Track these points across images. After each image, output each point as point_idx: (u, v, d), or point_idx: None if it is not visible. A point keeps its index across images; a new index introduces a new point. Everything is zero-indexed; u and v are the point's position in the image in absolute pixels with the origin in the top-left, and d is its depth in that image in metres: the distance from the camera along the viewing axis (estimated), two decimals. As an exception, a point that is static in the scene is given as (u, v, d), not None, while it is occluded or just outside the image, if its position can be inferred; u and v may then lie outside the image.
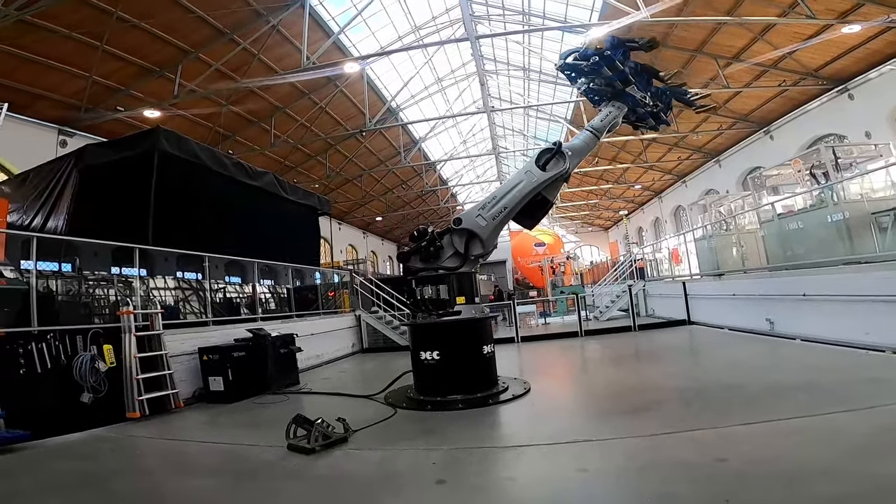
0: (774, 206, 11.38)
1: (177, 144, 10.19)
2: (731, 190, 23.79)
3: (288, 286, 13.98)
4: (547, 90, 26.18)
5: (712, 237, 15.06)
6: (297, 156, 24.43)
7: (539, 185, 6.66)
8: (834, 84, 16.25)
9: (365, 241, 40.37)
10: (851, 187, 9.40)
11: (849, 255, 8.64)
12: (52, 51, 12.48)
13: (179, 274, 10.74)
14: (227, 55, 15.25)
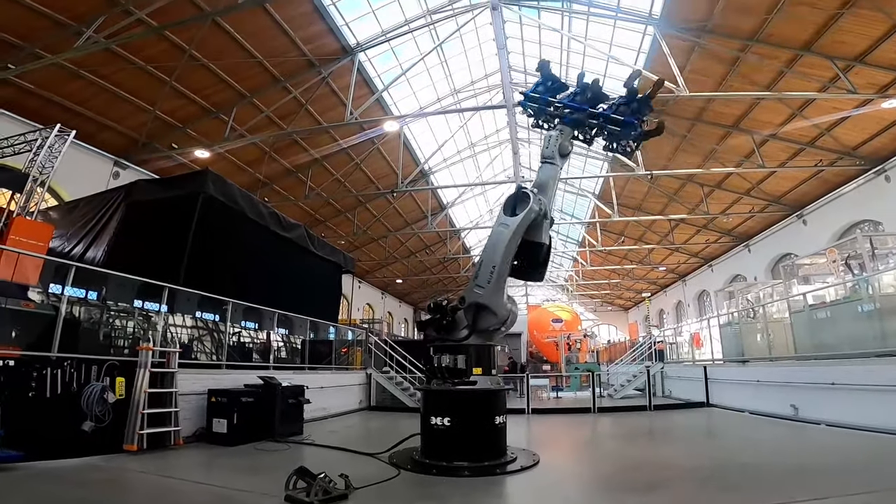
0: (806, 297, 11.15)
1: (221, 189, 10.46)
2: (760, 276, 23.21)
3: (303, 338, 13.98)
4: (577, 163, 26.24)
5: (738, 324, 14.68)
6: (327, 210, 24.84)
7: (518, 232, 6.30)
8: (871, 164, 15.79)
9: (383, 301, 40.09)
10: (885, 278, 9.19)
11: (881, 347, 8.38)
12: (126, 82, 13.24)
13: (199, 313, 10.75)
14: (277, 102, 15.94)
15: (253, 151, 18.23)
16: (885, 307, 8.61)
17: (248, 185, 18.60)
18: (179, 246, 9.65)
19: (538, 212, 6.35)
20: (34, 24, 10.70)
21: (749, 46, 12.77)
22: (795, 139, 16.10)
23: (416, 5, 15.18)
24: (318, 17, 13.81)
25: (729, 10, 11.79)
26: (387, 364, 15.71)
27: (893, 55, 11.52)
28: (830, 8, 10.89)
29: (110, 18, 10.67)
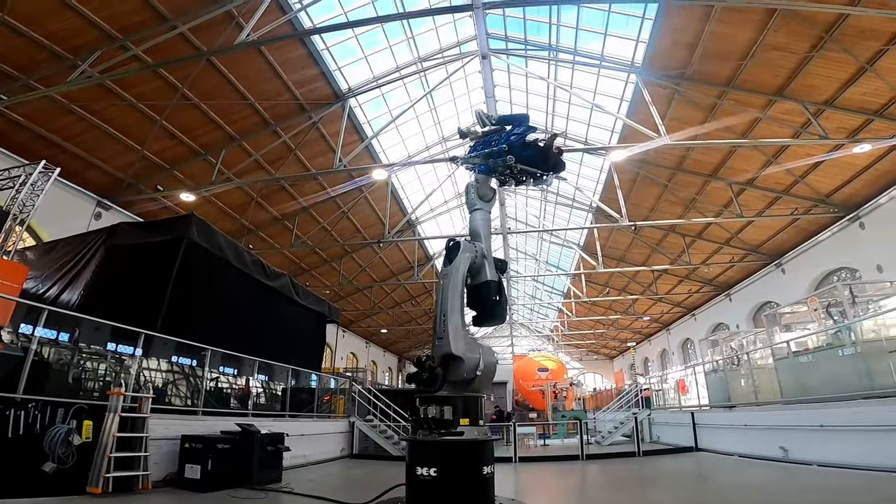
0: (790, 345, 11.46)
1: (205, 235, 10.28)
2: (742, 324, 23.42)
3: (284, 386, 13.60)
4: (562, 213, 26.61)
5: (723, 371, 14.97)
6: (313, 259, 24.43)
7: (457, 276, 6.19)
8: (845, 211, 16.11)
9: (367, 350, 39.48)
10: (866, 324, 9.56)
11: (867, 389, 8.65)
12: (116, 119, 12.98)
13: (176, 358, 10.33)
14: (267, 146, 15.82)
15: (239, 196, 17.96)
16: (867, 351, 8.92)
17: (234, 232, 18.33)
18: (159, 292, 9.36)
19: (473, 255, 6.30)
20: (34, 55, 10.56)
21: (726, 93, 13.14)
22: (771, 187, 16.48)
23: (408, 52, 15.51)
24: (311, 61, 13.94)
25: (706, 56, 12.19)
26: (370, 412, 15.45)
27: (861, 97, 11.87)
28: (801, 52, 11.28)
29: (106, 53, 10.62)
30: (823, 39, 10.64)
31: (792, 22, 10.58)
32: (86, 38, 10.54)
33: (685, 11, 11.45)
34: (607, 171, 19.03)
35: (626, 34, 13.27)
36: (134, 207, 15.94)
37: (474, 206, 6.77)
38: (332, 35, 13.49)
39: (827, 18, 10.24)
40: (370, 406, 15.66)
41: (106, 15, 10.27)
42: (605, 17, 13.07)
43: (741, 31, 11.20)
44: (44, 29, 10.14)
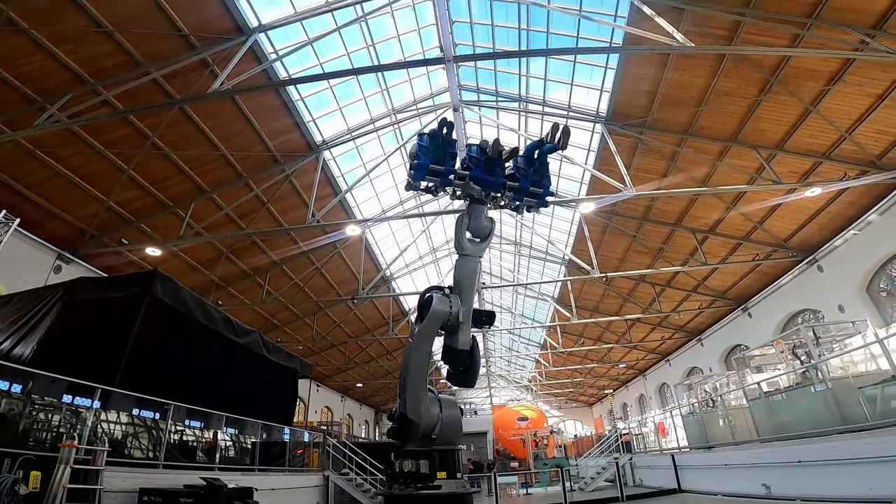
0: (761, 386, 11.83)
1: (170, 292, 9.92)
2: (714, 367, 23.74)
3: (254, 439, 12.85)
4: (536, 267, 26.81)
5: (699, 413, 15.31)
6: (285, 314, 23.62)
7: (421, 340, 5.71)
8: (803, 255, 16.52)
9: (342, 404, 38.25)
10: (833, 362, 9.97)
11: (840, 424, 8.87)
12: (82, 167, 12.35)
13: (137, 411, 9.64)
14: (238, 199, 15.36)
15: (208, 251, 17.32)
16: (836, 388, 9.21)
17: (202, 287, 17.60)
18: (119, 347, 8.92)
19: (445, 315, 5.66)
20: (4, 96, 10.11)
21: (685, 140, 13.68)
22: (732, 234, 16.94)
23: (382, 104, 15.77)
24: (286, 112, 13.87)
25: (665, 104, 12.73)
26: (346, 466, 15.17)
27: (808, 140, 12.40)
28: (750, 96, 11.78)
29: (76, 97, 10.30)
30: (770, 82, 11.21)
31: (741, 66, 11.15)
32: (57, 80, 10.22)
33: (644, 59, 11.98)
34: (578, 223, 19.46)
35: (591, 84, 13.88)
36: (96, 261, 15.06)
37: (462, 251, 6.12)
38: (308, 86, 13.59)
39: (772, 61, 10.83)
40: (345, 459, 15.44)
41: (79, 57, 10.05)
42: (571, 67, 13.71)
43: (695, 77, 11.76)
44: (16, 70, 9.81)
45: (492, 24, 13.73)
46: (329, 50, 13.33)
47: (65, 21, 9.36)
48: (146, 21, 9.97)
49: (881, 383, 8.55)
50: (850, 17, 9.44)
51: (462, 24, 13.92)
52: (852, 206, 14.00)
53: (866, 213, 13.83)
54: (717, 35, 10.56)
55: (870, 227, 13.98)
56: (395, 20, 13.62)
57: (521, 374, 47.57)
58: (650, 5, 9.82)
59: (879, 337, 9.10)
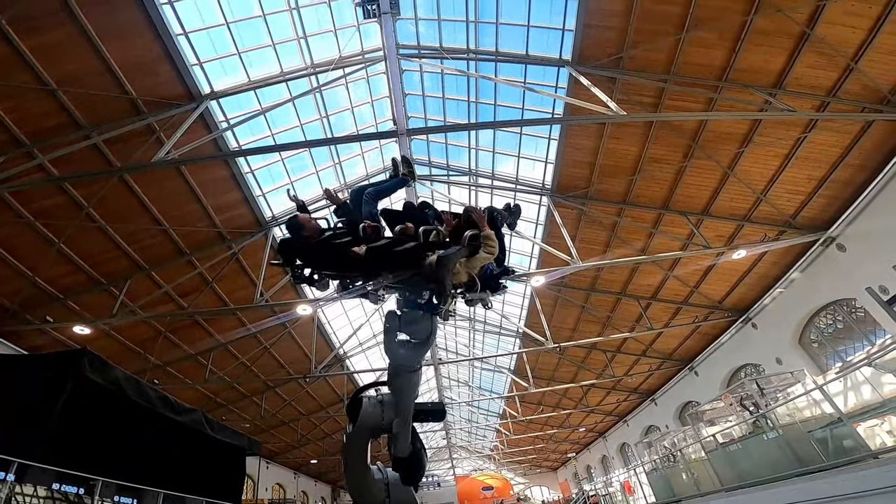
0: (716, 437, 12.12)
1: (100, 371, 8.96)
2: (670, 424, 23.75)
3: None
4: (491, 341, 26.26)
5: (662, 469, 15.49)
6: (230, 394, 21.67)
7: (353, 445, 4.45)
8: (737, 315, 16.93)
9: (296, 481, 34.96)
10: (780, 411, 10.42)
11: (797, 467, 9.01)
12: (7, 239, 11.06)
13: (56, 485, 8.31)
14: (180, 278, 14.15)
15: (146, 330, 15.70)
16: (787, 434, 9.53)
17: (137, 366, 15.73)
18: (41, 424, 7.89)
19: (376, 423, 4.49)
20: None
21: (623, 210, 14.01)
22: (672, 299, 17.29)
23: (334, 178, 15.44)
24: (234, 185, 13.17)
25: (603, 175, 13.10)
26: None
27: (730, 204, 12.84)
28: (676, 161, 12.20)
29: (9, 160, 9.32)
30: (692, 148, 11.72)
31: (667, 132, 11.63)
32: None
33: (583, 130, 12.38)
34: (529, 296, 19.38)
35: (536, 156, 14.24)
36: (16, 338, 13.20)
37: (394, 361, 4.45)
38: (258, 158, 13.19)
39: (692, 126, 11.35)
40: None
41: (17, 116, 9.19)
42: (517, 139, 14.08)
43: (629, 145, 12.22)
44: None
45: (443, 97, 14.04)
46: (282, 121, 13.09)
47: (9, 77, 8.67)
48: (92, 80, 9.39)
49: (828, 425, 8.99)
50: (753, 77, 10.04)
51: (415, 97, 14.17)
52: (776, 265, 14.65)
53: (789, 272, 14.46)
54: (645, 103, 11.07)
55: (794, 285, 14.60)
56: (349, 92, 13.69)
57: (482, 444, 46.03)
58: (586, 76, 10.34)
59: (818, 384, 9.58)
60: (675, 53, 10.09)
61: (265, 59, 11.72)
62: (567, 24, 10.69)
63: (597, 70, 10.68)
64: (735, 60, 9.85)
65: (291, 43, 11.68)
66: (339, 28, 12.00)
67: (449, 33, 12.35)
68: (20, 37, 8.33)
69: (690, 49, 9.98)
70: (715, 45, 9.80)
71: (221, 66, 11.18)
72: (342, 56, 12.15)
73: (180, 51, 10.04)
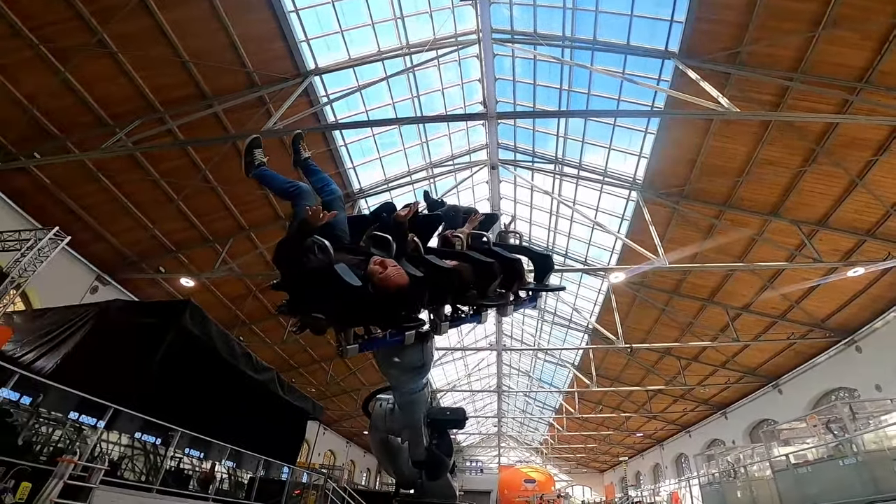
0: (789, 457, 11.82)
1: (199, 323, 9.84)
2: (738, 440, 22.55)
3: (251, 475, 12.26)
4: (558, 333, 25.91)
5: (720, 483, 15.26)
6: (303, 357, 23.08)
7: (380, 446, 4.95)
8: (841, 336, 15.54)
9: (347, 449, 36.75)
10: (867, 437, 9.99)
11: (871, 494, 8.84)
12: (136, 193, 12.49)
13: (139, 434, 9.38)
14: (274, 240, 15.19)
15: (238, 287, 17.17)
16: (870, 460, 9.31)
17: (228, 321, 17.32)
18: (140, 372, 8.74)
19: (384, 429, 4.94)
20: (79, 117, 10.38)
21: (723, 213, 13.17)
22: (768, 312, 16.10)
23: (420, 157, 15.83)
24: (328, 157, 13.95)
25: (705, 173, 12.36)
26: None
27: (853, 216, 11.76)
28: (794, 166, 11.30)
29: (144, 124, 10.54)
30: (815, 152, 10.74)
31: (786, 134, 10.74)
32: (130, 105, 10.50)
33: (685, 125, 11.78)
34: (605, 292, 18.86)
35: (630, 149, 13.73)
36: (131, 285, 15.00)
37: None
38: (351, 133, 13.82)
39: (818, 129, 10.40)
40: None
41: (153, 85, 10.32)
42: (609, 130, 13.62)
43: (738, 144, 11.43)
44: (96, 92, 10.12)
45: (534, 83, 13.87)
46: (376, 98, 13.61)
47: (150, 49, 9.72)
48: (218, 55, 10.32)
49: None
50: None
51: (504, 82, 14.11)
52: (894, 287, 13.17)
53: (909, 295, 12.99)
54: (762, 101, 10.31)
55: (912, 310, 13.11)
56: (440, 73, 13.93)
57: (532, 437, 45.78)
58: (695, 70, 9.77)
59: None
60: (806, 51, 9.32)
61: (364, 38, 12.22)
62: (675, 16, 10.16)
63: (708, 64, 10.07)
64: (879, 62, 8.95)
65: (389, 23, 12.08)
66: (434, 10, 12.23)
67: (544, 19, 12.17)
68: (161, 10, 9.29)
69: (825, 47, 9.17)
70: (856, 46, 8.95)
71: (325, 43, 11.79)
72: (436, 38, 12.33)
73: (292, 27, 10.74)
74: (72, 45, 9.17)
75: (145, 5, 9.11)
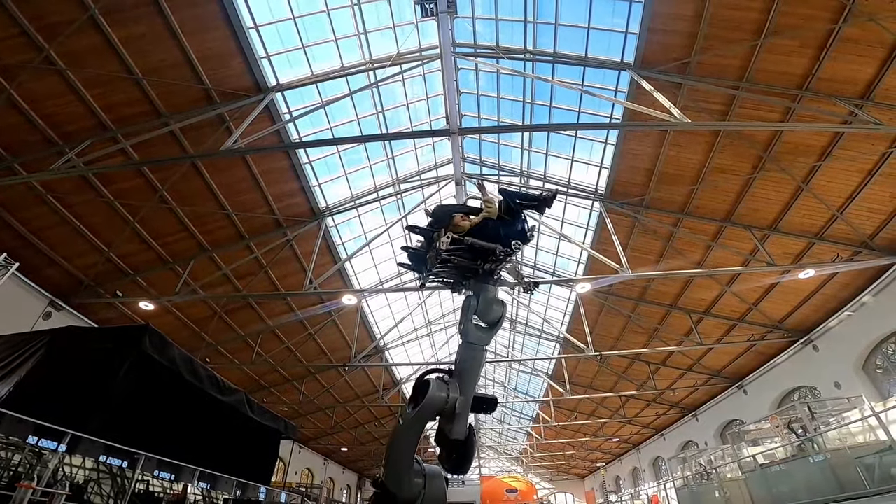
0: (756, 458, 12.10)
1: (159, 347, 9.35)
2: (709, 441, 23.05)
3: (226, 496, 11.65)
4: (531, 343, 26.09)
5: (694, 486, 15.46)
6: (273, 377, 22.50)
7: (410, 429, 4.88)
8: (798, 335, 16.09)
9: (325, 467, 35.97)
10: (830, 435, 10.39)
11: (836, 492, 9.03)
12: (89, 215, 11.97)
13: (103, 458, 8.70)
14: (238, 261, 14.90)
15: (203, 310, 16.62)
16: (833, 459, 9.48)
17: (192, 343, 16.86)
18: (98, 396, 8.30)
19: (441, 404, 4.92)
20: (26, 136, 9.90)
21: (681, 220, 13.55)
22: (728, 315, 16.59)
23: (387, 173, 15.80)
24: (293, 175, 13.72)
25: (661, 182, 12.74)
26: None
27: (801, 220, 12.19)
28: (744, 173, 11.67)
29: (96, 144, 10.15)
30: (763, 159, 11.16)
31: (735, 142, 11.15)
32: (80, 125, 10.11)
33: (642, 136, 12.11)
34: (574, 302, 19.16)
35: (591, 160, 14.03)
36: (87, 310, 14.29)
37: (466, 338, 5.11)
38: (315, 150, 13.62)
39: (765, 136, 10.82)
40: None
41: (105, 103, 9.98)
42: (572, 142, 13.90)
43: (692, 153, 11.81)
44: (43, 110, 9.70)
45: (497, 97, 14.05)
46: (340, 114, 13.54)
47: (101, 66, 9.42)
48: (173, 71, 10.07)
49: (878, 452, 8.86)
50: (838, 87, 9.49)
51: (469, 95, 14.26)
52: (846, 287, 13.78)
53: (860, 294, 13.60)
54: (712, 110, 10.68)
55: (864, 308, 13.72)
56: (405, 88, 13.94)
57: (511, 446, 45.89)
58: (649, 81, 10.08)
59: (876, 410, 9.52)
60: (751, 60, 9.70)
61: (327, 54, 12.16)
62: (630, 28, 10.49)
63: (661, 75, 10.40)
64: (818, 69, 9.35)
65: (352, 39, 12.07)
66: (397, 25, 12.30)
67: (506, 33, 12.39)
68: (112, 27, 9.03)
69: (768, 56, 9.56)
70: (796, 53, 9.33)
71: (287, 59, 11.68)
72: (400, 53, 12.41)
73: (251, 44, 10.59)
74: (17, 63, 8.81)
75: (95, 23, 8.84)
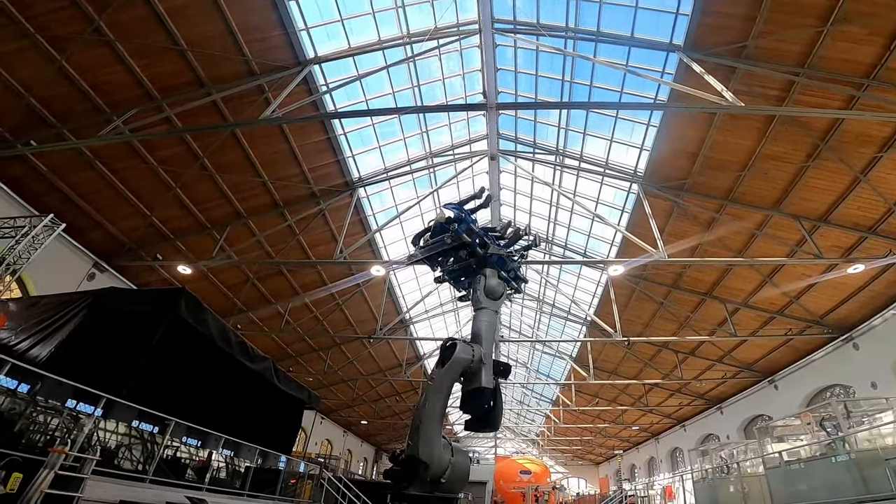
0: (782, 455, 11.75)
1: (193, 311, 9.80)
2: (732, 435, 22.81)
3: (248, 463, 12.34)
4: (556, 325, 26.03)
5: (712, 479, 15.25)
6: (300, 346, 23.23)
7: (441, 384, 5.36)
8: (839, 332, 15.60)
9: (344, 438, 37.23)
10: (861, 435, 9.99)
11: (862, 494, 8.76)
12: (133, 180, 12.53)
13: (136, 423, 9.28)
14: (272, 229, 15.29)
15: (236, 275, 17.23)
16: (862, 459, 9.17)
17: (225, 309, 17.43)
18: (134, 359, 8.77)
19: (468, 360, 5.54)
20: (75, 104, 10.38)
21: (724, 207, 13.13)
22: (766, 308, 16.17)
23: (420, 147, 15.78)
24: (328, 145, 13.95)
25: (707, 167, 12.33)
26: (339, 501, 14.60)
27: (856, 213, 11.72)
28: (797, 161, 11.23)
29: (141, 112, 10.55)
30: (819, 147, 10.68)
31: (791, 129, 10.67)
32: (127, 94, 10.50)
33: (689, 119, 11.69)
34: (604, 284, 18.96)
35: (631, 141, 13.67)
36: (128, 273, 15.06)
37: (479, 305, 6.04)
38: (351, 122, 13.75)
39: (823, 124, 10.35)
40: (339, 495, 14.76)
41: (151, 73, 10.33)
42: (611, 122, 13.54)
43: (742, 139, 11.37)
44: (92, 79, 10.10)
45: (536, 74, 13.75)
46: (376, 87, 13.55)
47: (147, 37, 9.69)
48: (217, 43, 10.29)
49: None
50: None
51: (506, 72, 13.98)
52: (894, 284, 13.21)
53: (909, 292, 13.04)
54: (768, 95, 10.23)
55: (911, 307, 13.17)
56: (441, 63, 13.82)
57: (529, 428, 46.42)
58: (699, 63, 9.69)
59: None
60: (814, 46, 9.25)
61: (364, 27, 12.11)
62: (682, 8, 10.05)
63: (713, 58, 9.98)
64: (888, 59, 8.88)
65: (390, 12, 11.96)
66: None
67: (547, 10, 12.04)
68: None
69: (833, 43, 9.11)
70: (864, 42, 8.87)
71: (325, 32, 11.70)
72: (437, 27, 12.26)
73: (291, 16, 10.65)
74: (68, 34, 9.12)
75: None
